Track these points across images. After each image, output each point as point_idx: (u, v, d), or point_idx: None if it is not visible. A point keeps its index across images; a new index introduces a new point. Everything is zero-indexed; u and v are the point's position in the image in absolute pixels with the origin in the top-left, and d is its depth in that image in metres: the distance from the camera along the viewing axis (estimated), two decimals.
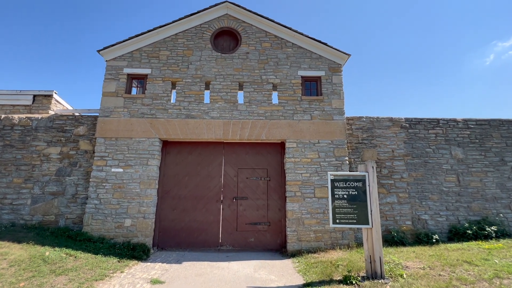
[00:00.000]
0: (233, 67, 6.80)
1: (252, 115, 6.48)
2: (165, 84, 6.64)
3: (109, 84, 6.60)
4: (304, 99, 6.59)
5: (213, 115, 6.47)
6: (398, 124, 6.79)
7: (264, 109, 6.52)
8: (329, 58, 6.91)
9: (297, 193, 6.06)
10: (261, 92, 6.64)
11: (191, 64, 6.80)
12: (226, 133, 6.35)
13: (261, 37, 7.06)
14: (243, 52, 6.92)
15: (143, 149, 6.21)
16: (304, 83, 6.85)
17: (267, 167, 6.51)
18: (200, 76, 6.72)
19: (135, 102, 6.50)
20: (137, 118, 6.39)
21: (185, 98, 6.56)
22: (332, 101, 6.61)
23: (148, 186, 6.02)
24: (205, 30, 7.08)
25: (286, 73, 6.78)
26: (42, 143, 6.48)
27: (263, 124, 6.40)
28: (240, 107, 6.53)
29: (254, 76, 6.75)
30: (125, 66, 6.75)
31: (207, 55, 6.88)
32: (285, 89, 6.66)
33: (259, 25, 7.09)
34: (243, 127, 6.38)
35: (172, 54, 6.86)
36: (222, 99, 6.57)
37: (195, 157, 6.53)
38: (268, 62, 6.85)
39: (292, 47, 6.99)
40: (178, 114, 6.45)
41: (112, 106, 6.45)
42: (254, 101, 6.57)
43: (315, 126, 6.42)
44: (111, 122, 6.33)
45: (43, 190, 6.21)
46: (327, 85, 6.74)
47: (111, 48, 6.73)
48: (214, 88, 6.64)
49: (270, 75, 6.76)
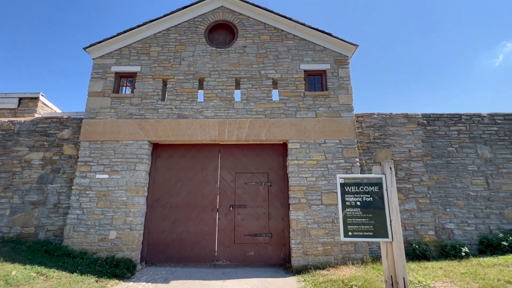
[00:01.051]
0: (229, 62, 6.23)
1: (250, 113, 5.86)
2: (156, 82, 6.11)
3: (95, 84, 6.11)
4: (307, 95, 5.94)
5: (207, 114, 5.88)
6: (414, 121, 6.06)
7: (263, 107, 5.89)
8: (335, 49, 6.27)
9: (301, 200, 5.35)
10: (260, 88, 6.03)
11: (184, 60, 6.26)
12: (222, 134, 5.74)
13: (260, 29, 6.49)
14: (240, 46, 6.35)
15: (131, 153, 5.64)
16: (307, 78, 6.21)
17: (267, 171, 5.85)
18: (193, 73, 6.17)
19: (123, 102, 5.98)
20: (124, 119, 5.85)
21: (177, 96, 6.00)
22: (339, 97, 5.94)
23: (135, 194, 5.42)
24: (199, 24, 6.57)
25: (287, 67, 6.17)
26: (24, 148, 5.99)
27: (263, 123, 5.77)
28: (237, 105, 5.92)
29: (252, 71, 6.15)
30: (113, 64, 6.26)
31: (201, 50, 6.34)
32: (287, 85, 6.04)
33: (257, 16, 6.54)
34: (241, 127, 5.76)
35: (163, 50, 6.35)
36: (217, 96, 5.99)
37: (188, 161, 5.92)
38: (267, 56, 6.26)
39: (294, 39, 6.39)
40: (169, 114, 5.88)
41: (98, 107, 5.94)
42: (253, 98, 5.96)
43: (320, 124, 5.75)
44: (97, 124, 5.81)
45: (23, 200, 5.68)
46: (333, 79, 6.08)
47: (98, 45, 6.27)
48: (208, 85, 6.07)
49: (270, 69, 6.16)
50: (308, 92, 5.95)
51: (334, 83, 6.05)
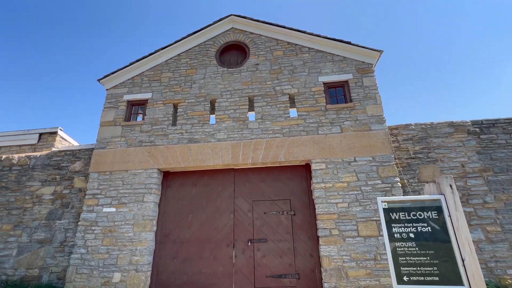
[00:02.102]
0: (241, 81, 5.86)
1: (266, 133, 5.28)
2: (166, 107, 5.86)
3: (107, 113, 6.00)
4: (329, 108, 5.29)
5: (220, 137, 5.39)
6: (463, 130, 5.06)
7: (280, 125, 5.30)
8: (356, 58, 5.68)
9: (333, 231, 4.43)
10: (275, 105, 5.50)
11: (195, 83, 6.02)
12: (236, 157, 5.16)
13: (272, 46, 6.16)
14: (252, 64, 6.01)
15: (139, 183, 5.21)
16: (327, 90, 5.61)
17: (289, 197, 5.06)
18: (205, 95, 5.85)
19: (133, 130, 5.73)
20: (134, 147, 5.55)
21: (188, 120, 5.65)
22: (367, 108, 5.20)
23: (143, 229, 4.87)
24: (209, 47, 6.42)
25: (304, 81, 5.65)
26: (36, 183, 5.85)
27: (280, 142, 5.13)
28: (251, 125, 5.40)
29: (266, 88, 5.70)
30: (125, 93, 6.18)
31: (212, 71, 6.09)
32: (305, 99, 5.46)
33: (269, 33, 6.26)
34: (256, 148, 5.16)
35: (174, 75, 6.19)
36: (230, 117, 5.53)
37: (200, 190, 5.34)
38: (281, 72, 5.82)
39: (309, 52, 5.94)
40: (180, 139, 5.49)
41: (109, 136, 5.74)
42: (268, 116, 5.42)
43: (347, 140, 4.98)
44: (107, 154, 5.55)
45: (31, 238, 5.37)
46: (357, 89, 5.41)
47: (111, 76, 6.29)
48: (220, 106, 5.68)
49: (285, 85, 5.67)
50: (329, 106, 5.30)
51: (359, 94, 5.36)
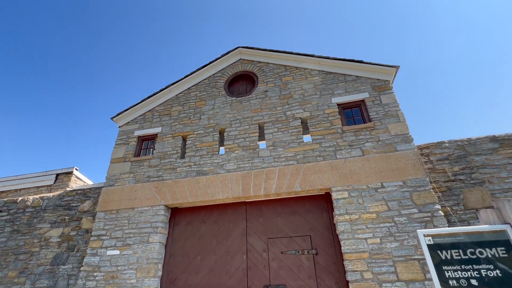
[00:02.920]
0: (250, 109, 5.66)
1: (278, 160, 4.85)
2: (175, 140, 5.71)
3: (118, 150, 5.96)
4: (346, 130, 4.83)
5: (229, 167, 5.04)
6: (509, 144, 4.31)
7: (293, 151, 4.87)
8: (370, 76, 5.34)
9: (365, 274, 3.65)
10: (287, 130, 5.15)
11: (204, 114, 5.91)
12: (247, 189, 4.71)
13: (280, 72, 6.04)
14: (261, 91, 5.86)
15: (145, 221, 4.86)
16: (342, 112, 5.20)
17: (309, 233, 4.40)
18: (213, 125, 5.67)
19: (142, 165, 5.57)
20: (142, 183, 5.32)
21: (196, 152, 5.41)
22: (389, 126, 4.68)
23: (146, 274, 4.37)
24: (218, 79, 6.43)
25: (316, 104, 5.32)
26: (46, 225, 5.69)
27: (295, 170, 4.65)
28: (262, 153, 5.02)
29: (277, 113, 5.42)
30: (136, 129, 6.19)
31: (221, 102, 5.99)
32: (318, 122, 5.07)
33: (277, 61, 6.19)
34: (268, 178, 4.71)
35: (184, 108, 6.16)
36: (239, 146, 5.22)
37: (209, 227, 4.85)
38: (292, 96, 5.57)
39: (319, 75, 5.70)
40: (188, 172, 5.20)
41: (118, 173, 5.61)
42: (280, 142, 5.04)
43: (371, 163, 4.40)
44: (114, 192, 5.35)
45: (34, 286, 5.03)
46: (375, 108, 4.96)
47: (124, 113, 6.39)
48: (229, 135, 5.43)
49: (296, 109, 5.36)
50: (346, 127, 4.84)
51: (379, 112, 4.89)
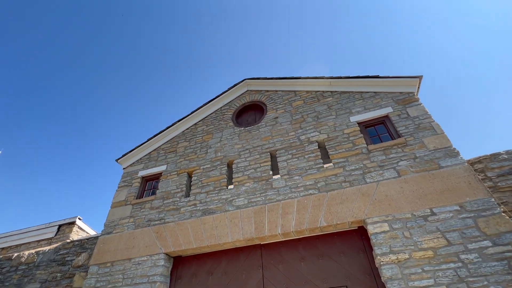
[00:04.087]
0: (260, 137, 5.16)
1: (296, 191, 4.10)
2: (180, 178, 5.18)
3: (120, 193, 5.47)
4: (373, 149, 4.11)
5: (239, 203, 4.32)
6: None
7: (313, 178, 4.14)
8: (390, 90, 4.80)
9: None
10: (302, 156, 4.49)
11: (210, 148, 5.46)
12: (260, 227, 3.90)
13: (290, 97, 5.67)
14: (271, 118, 5.42)
15: (142, 275, 4.04)
16: (364, 130, 4.55)
17: (345, 282, 3.36)
18: (221, 158, 5.15)
19: (143, 208, 4.97)
20: (141, 228, 4.65)
21: (202, 188, 4.79)
22: (425, 141, 3.92)
23: None
24: (225, 111, 6.15)
25: (332, 124, 4.74)
26: (36, 285, 4.97)
27: (317, 200, 3.85)
28: (276, 184, 4.31)
29: (290, 139, 4.86)
30: (140, 169, 5.78)
31: (229, 133, 5.57)
32: (338, 144, 4.41)
33: (285, 87, 5.89)
34: (286, 212, 3.90)
35: (190, 144, 5.78)
36: (250, 178, 4.57)
37: (218, 280, 3.93)
38: (304, 120, 5.06)
39: (332, 96, 5.25)
40: (193, 212, 4.51)
41: (117, 218, 5.02)
42: (296, 170, 4.35)
43: (411, 185, 3.54)
44: (111, 241, 4.68)
45: None
46: (402, 122, 4.28)
47: (129, 154, 6.09)
48: (238, 167, 4.84)
49: (311, 132, 4.79)
50: (372, 146, 4.13)
51: (408, 126, 4.19)
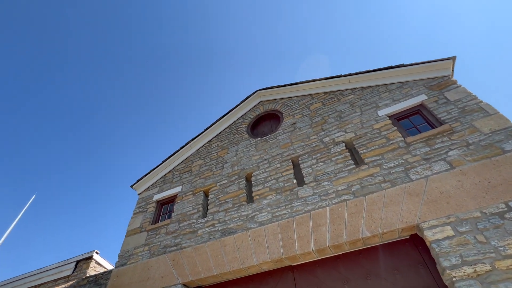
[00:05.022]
0: (278, 145, 4.72)
1: (326, 198, 3.51)
2: (196, 198, 4.76)
3: (135, 220, 5.11)
4: (412, 141, 3.50)
5: (262, 218, 3.77)
6: None
7: (345, 182, 3.55)
8: (419, 78, 4.27)
9: None
10: (329, 159, 3.95)
11: (226, 162, 5.06)
12: (289, 244, 3.29)
13: (307, 102, 5.27)
14: (288, 125, 5.00)
15: None
16: (397, 123, 3.98)
17: None
18: (238, 172, 4.72)
19: (159, 233, 4.54)
20: (156, 256, 4.17)
21: (220, 206, 4.32)
22: (476, 124, 3.28)
23: None
24: (240, 125, 5.84)
25: (359, 122, 4.22)
26: None
27: (354, 207, 3.23)
28: (302, 193, 3.75)
29: (312, 143, 4.36)
30: (155, 193, 5.45)
31: (245, 146, 5.19)
32: (369, 141, 3.85)
33: (299, 92, 5.53)
34: (318, 224, 3.29)
35: (205, 162, 5.43)
36: (272, 190, 4.05)
37: None
38: (326, 121, 4.59)
39: (353, 93, 4.79)
40: (211, 234, 4.00)
41: (132, 247, 4.59)
42: (323, 175, 3.80)
43: (471, 177, 2.87)
44: (125, 273, 4.22)
45: None
46: (442, 108, 3.69)
47: (144, 179, 5.83)
48: (257, 179, 4.36)
49: (336, 133, 4.28)
50: (411, 138, 3.53)
51: (451, 111, 3.59)
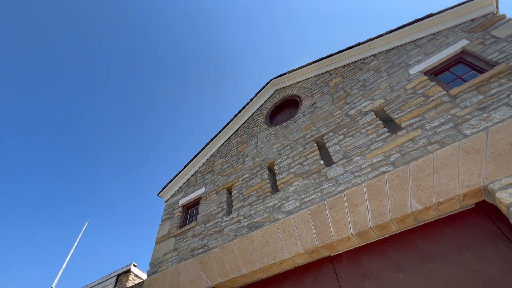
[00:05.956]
0: (299, 128, 4.31)
1: (361, 174, 3.01)
2: (219, 196, 4.50)
3: (163, 227, 5.00)
4: (458, 93, 2.88)
5: (290, 207, 3.36)
6: None
7: (381, 153, 3.02)
8: (455, 24, 3.62)
9: None
10: (358, 132, 3.45)
11: (247, 156, 4.77)
12: (324, 231, 2.83)
13: (325, 79, 4.82)
14: (307, 106, 4.58)
15: None
16: (434, 78, 3.36)
17: None
18: (259, 163, 4.38)
19: (186, 237, 4.34)
20: (185, 260, 3.94)
21: (244, 201, 3.99)
22: None
23: None
24: (257, 117, 5.54)
25: (387, 86, 3.67)
26: None
27: (396, 178, 2.69)
28: (332, 173, 3.29)
29: (336, 119, 3.89)
30: (181, 198, 5.32)
31: (264, 136, 4.86)
32: (403, 103, 3.28)
33: (316, 72, 5.10)
34: (354, 204, 2.80)
35: (226, 159, 5.20)
36: (297, 175, 3.64)
37: None
38: (349, 94, 4.09)
39: (376, 58, 4.24)
40: (237, 231, 3.68)
41: (161, 254, 4.45)
42: (353, 150, 3.30)
43: None
44: (156, 281, 4.05)
45: None
46: (492, 48, 3.02)
47: (169, 185, 5.76)
48: (280, 168, 3.97)
49: (361, 103, 3.76)
50: (456, 90, 2.91)
51: (503, 50, 2.91)
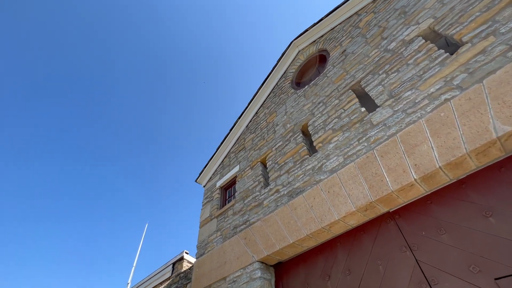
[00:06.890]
0: (331, 81, 3.77)
1: (415, 109, 2.43)
2: (254, 170, 4.23)
3: (205, 211, 4.94)
4: None
5: (332, 165, 2.92)
6: None
7: (439, 79, 2.39)
8: None
9: None
10: (404, 64, 2.82)
11: (277, 125, 4.39)
12: (378, 183, 2.35)
13: (353, 22, 4.15)
14: (336, 57, 4.00)
15: None
16: None
17: None
18: (291, 128, 3.97)
19: (227, 216, 4.18)
20: (229, 239, 3.79)
21: (281, 170, 3.65)
22: None
23: None
24: (282, 84, 5.10)
25: (435, 2, 2.93)
26: None
27: (466, 102, 2.07)
28: (377, 118, 2.74)
29: (374, 59, 3.28)
30: (217, 180, 5.20)
31: (292, 100, 4.42)
32: (459, 15, 2.55)
33: (340, 18, 4.44)
34: (412, 145, 2.26)
35: (256, 134, 4.89)
36: (336, 130, 3.16)
37: (342, 284, 2.48)
38: (385, 27, 3.42)
39: None
40: (277, 201, 3.37)
41: (206, 237, 4.38)
42: (402, 86, 2.70)
43: None
44: (205, 262, 3.98)
45: None
46: None
47: (204, 170, 5.69)
48: (315, 127, 3.52)
49: (403, 32, 3.09)
50: None
51: None
